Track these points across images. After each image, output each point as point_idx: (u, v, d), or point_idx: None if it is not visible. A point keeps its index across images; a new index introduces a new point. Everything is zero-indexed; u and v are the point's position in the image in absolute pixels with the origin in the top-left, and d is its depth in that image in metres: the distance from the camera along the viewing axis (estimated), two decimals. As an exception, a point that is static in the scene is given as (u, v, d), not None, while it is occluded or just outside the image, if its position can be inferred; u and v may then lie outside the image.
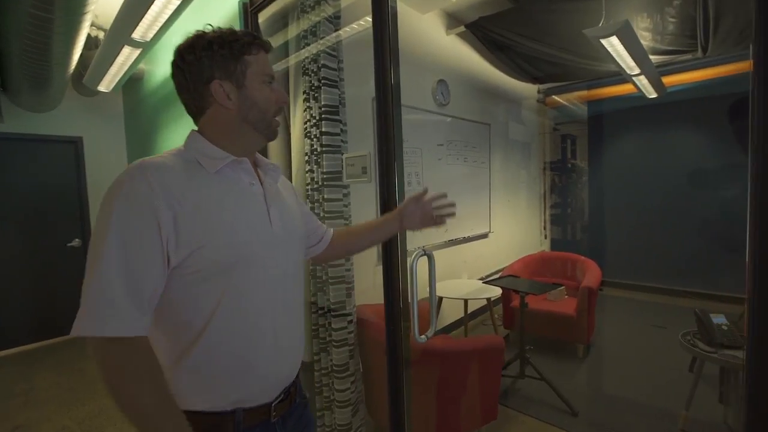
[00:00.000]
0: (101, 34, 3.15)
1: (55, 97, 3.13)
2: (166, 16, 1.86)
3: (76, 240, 3.84)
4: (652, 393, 2.53)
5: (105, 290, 0.60)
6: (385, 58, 1.33)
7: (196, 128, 0.81)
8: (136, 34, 2.02)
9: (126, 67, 2.48)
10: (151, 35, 2.04)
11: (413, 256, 1.29)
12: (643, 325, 3.78)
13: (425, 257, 1.30)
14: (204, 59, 0.74)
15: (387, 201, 1.34)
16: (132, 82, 3.41)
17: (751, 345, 0.76)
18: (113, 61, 2.37)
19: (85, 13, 1.93)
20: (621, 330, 3.70)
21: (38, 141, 3.62)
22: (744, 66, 3.56)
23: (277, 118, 0.81)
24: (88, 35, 2.75)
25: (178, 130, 2.82)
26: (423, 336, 1.31)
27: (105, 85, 2.84)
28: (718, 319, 2.14)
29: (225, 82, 0.75)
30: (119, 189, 0.64)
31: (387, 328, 1.39)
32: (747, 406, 0.79)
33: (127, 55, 2.28)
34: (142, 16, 1.85)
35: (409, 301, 1.34)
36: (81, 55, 2.80)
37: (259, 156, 0.86)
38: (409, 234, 1.39)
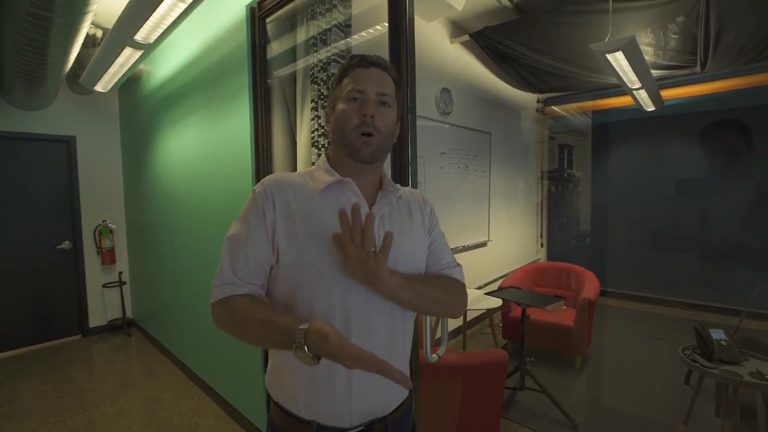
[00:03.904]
0: (99, 32, 3.08)
1: (49, 95, 3.05)
2: (171, 19, 1.81)
3: (67, 242, 3.74)
4: (649, 406, 2.53)
5: (221, 264, 0.79)
6: (402, 66, 1.30)
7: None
8: (139, 36, 1.97)
9: (126, 69, 2.42)
10: (154, 37, 1.99)
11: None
12: (638, 335, 3.80)
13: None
14: (330, 90, 0.87)
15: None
16: (129, 82, 3.34)
17: None
18: (113, 62, 2.31)
19: (87, 13, 1.88)
20: (618, 341, 3.71)
21: (29, 140, 3.52)
22: (739, 82, 3.63)
23: (365, 137, 0.78)
24: (86, 33, 2.68)
25: (178, 133, 2.76)
26: (434, 355, 1.28)
27: (102, 86, 2.76)
28: (717, 335, 2.15)
29: (330, 108, 0.85)
30: (252, 193, 0.83)
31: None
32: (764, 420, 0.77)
33: (127, 57, 2.22)
34: (147, 18, 1.79)
35: (420, 319, 1.31)
36: (78, 53, 2.74)
37: (386, 179, 0.88)
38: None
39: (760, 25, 2.49)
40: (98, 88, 2.80)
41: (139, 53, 2.19)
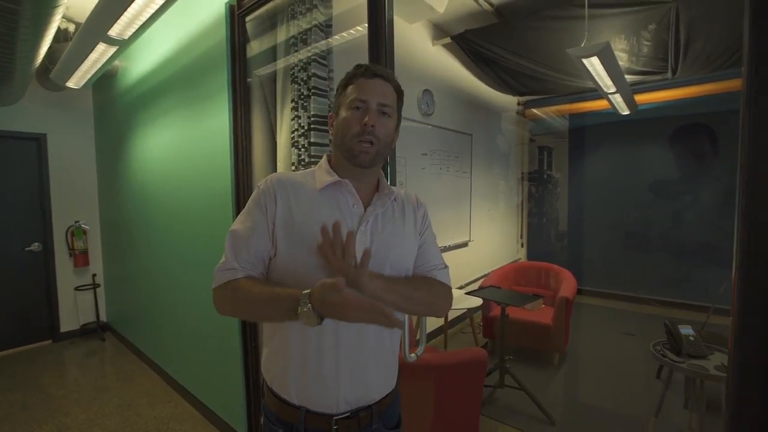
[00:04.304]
0: (72, 27, 2.98)
1: (17, 91, 2.93)
2: (147, 15, 1.77)
3: (36, 244, 3.60)
4: (623, 400, 2.61)
5: (225, 253, 0.85)
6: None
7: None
8: (113, 32, 1.91)
9: (99, 65, 2.34)
10: (129, 33, 1.93)
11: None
12: (613, 332, 3.92)
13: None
14: (335, 98, 0.92)
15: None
16: (104, 78, 3.23)
17: (734, 353, 0.79)
18: (86, 58, 2.24)
19: (57, 6, 1.81)
20: (593, 338, 3.82)
21: (-4, 136, 3.38)
22: (707, 89, 3.79)
23: (364, 144, 0.83)
24: (57, 27, 2.59)
25: (156, 131, 2.69)
26: (413, 354, 1.29)
27: (74, 82, 2.67)
28: (686, 330, 2.24)
29: (334, 113, 0.91)
30: (257, 189, 0.89)
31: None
32: (728, 412, 0.81)
33: (101, 52, 2.16)
34: (122, 13, 1.75)
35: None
36: (49, 47, 2.64)
37: (383, 182, 0.93)
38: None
39: (725, 34, 2.60)
40: (70, 84, 2.71)
41: (113, 49, 2.13)
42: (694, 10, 2.44)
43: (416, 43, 3.36)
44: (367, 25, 1.35)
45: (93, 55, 2.20)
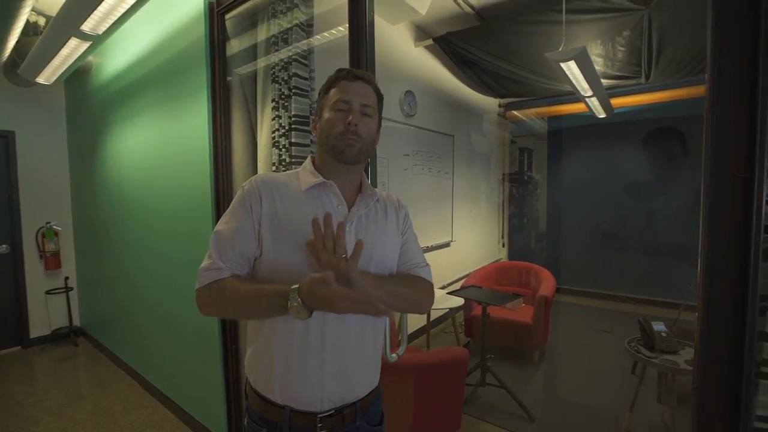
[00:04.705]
0: (42, 20, 2.87)
1: (-16, 86, 2.81)
2: (122, 10, 1.72)
3: (4, 246, 3.45)
4: (599, 395, 2.69)
5: (209, 253, 0.85)
6: (362, 67, 1.31)
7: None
8: (86, 26, 1.86)
9: (72, 60, 2.27)
10: (103, 28, 1.88)
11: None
12: (590, 330, 4.02)
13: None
14: (317, 101, 0.94)
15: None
16: (77, 74, 3.13)
17: (700, 348, 0.82)
18: (57, 53, 2.16)
19: (26, -1, 1.75)
20: (571, 335, 3.91)
21: (-40, 133, 3.23)
22: (678, 93, 3.93)
23: (349, 141, 0.85)
24: (27, 20, 2.50)
25: (133, 129, 2.62)
26: (394, 355, 1.30)
27: (45, 77, 2.58)
28: (659, 327, 2.32)
29: (317, 116, 0.92)
30: (241, 189, 0.89)
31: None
32: (695, 402, 0.84)
33: (73, 48, 2.09)
34: (95, 8, 1.70)
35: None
36: (17, 41, 2.54)
37: (366, 183, 0.95)
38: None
39: (694, 42, 2.71)
40: (41, 80, 2.61)
41: (86, 44, 2.06)
42: (665, 18, 2.54)
43: (398, 44, 3.38)
44: (348, 25, 1.35)
45: (64, 51, 2.13)
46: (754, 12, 0.74)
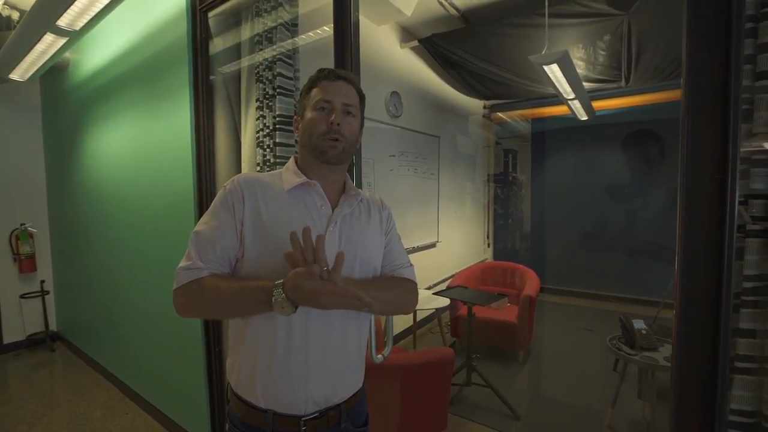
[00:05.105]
0: (15, 14, 2.78)
1: (-47, 82, 2.70)
2: (101, 5, 1.68)
3: (-24, 247, 3.32)
4: (582, 393, 2.74)
5: (188, 252, 0.83)
6: (347, 68, 1.31)
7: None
8: (63, 21, 1.80)
9: (47, 56, 2.20)
10: (81, 24, 1.83)
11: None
12: (574, 328, 4.09)
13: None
14: (299, 101, 0.94)
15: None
16: (54, 71, 3.03)
17: (677, 345, 0.84)
18: (31, 49, 2.09)
19: (-1, -7, 1.69)
20: (555, 334, 3.97)
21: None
22: (656, 97, 4.04)
23: (332, 141, 0.85)
24: None
25: (113, 128, 2.55)
26: (380, 355, 1.29)
27: (19, 74, 2.50)
28: (639, 324, 2.37)
29: (299, 116, 0.92)
30: (223, 189, 0.87)
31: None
32: (673, 397, 0.87)
33: (49, 43, 2.03)
34: (72, 3, 1.65)
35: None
36: (-11, 37, 2.45)
37: (349, 184, 0.94)
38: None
39: (671, 47, 2.79)
40: (14, 76, 2.53)
41: (63, 40, 2.01)
42: (644, 24, 2.60)
43: (384, 45, 3.38)
44: (333, 25, 1.34)
45: (40, 46, 2.06)
46: (726, 20, 0.76)
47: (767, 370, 0.83)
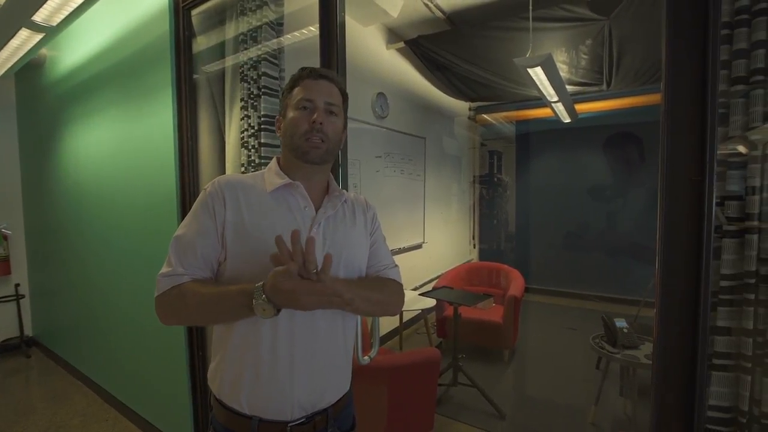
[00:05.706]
0: (-12, 9, 2.68)
1: None
2: (79, 1, 1.63)
3: (-55, 250, 3.19)
4: (566, 391, 2.78)
5: (168, 258, 0.81)
6: (333, 68, 1.30)
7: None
8: (39, 17, 1.75)
9: (23, 52, 2.13)
10: (58, 19, 1.78)
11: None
12: (557, 327, 4.16)
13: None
14: (281, 101, 0.92)
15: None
16: (29, 67, 2.94)
17: (658, 343, 0.86)
18: (5, 44, 2.02)
19: (-30, -14, 1.63)
20: (540, 333, 4.03)
21: None
22: (637, 101, 4.15)
23: (315, 141, 0.83)
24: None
25: (92, 127, 2.48)
26: (366, 357, 1.29)
27: (-8, 70, 2.41)
28: (621, 323, 2.42)
29: (281, 116, 0.90)
30: (203, 191, 0.85)
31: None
32: (654, 394, 0.88)
33: (25, 39, 1.96)
34: (48, -2, 1.60)
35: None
36: (-40, 31, 2.36)
37: (333, 184, 0.93)
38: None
39: (650, 52, 2.86)
40: (-13, 73, 2.44)
41: (39, 36, 1.95)
42: (625, 29, 2.67)
43: (370, 46, 3.38)
44: (318, 25, 1.33)
45: (14, 42, 1.99)
46: (703, 26, 0.79)
47: (743, 366, 0.85)
